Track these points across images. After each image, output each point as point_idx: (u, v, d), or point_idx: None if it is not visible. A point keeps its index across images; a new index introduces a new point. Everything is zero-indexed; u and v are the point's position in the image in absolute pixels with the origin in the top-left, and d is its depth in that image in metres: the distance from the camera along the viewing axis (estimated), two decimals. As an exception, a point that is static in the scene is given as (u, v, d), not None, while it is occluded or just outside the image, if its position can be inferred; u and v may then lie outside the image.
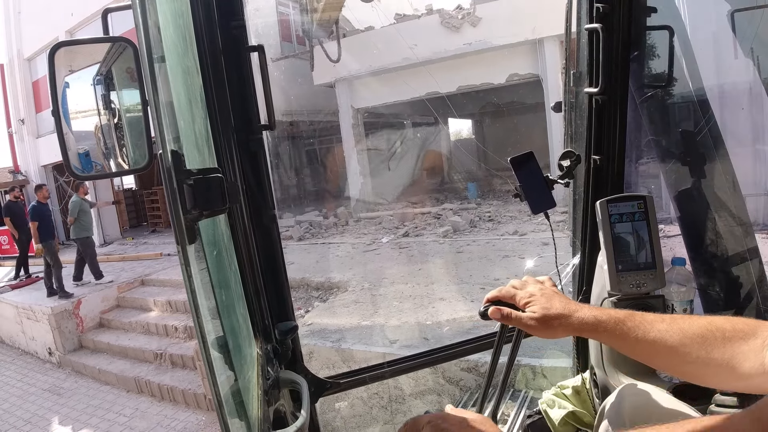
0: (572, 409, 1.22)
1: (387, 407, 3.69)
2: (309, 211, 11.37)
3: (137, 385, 5.14)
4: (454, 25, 9.51)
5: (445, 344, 1.26)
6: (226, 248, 0.78)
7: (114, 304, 7.07)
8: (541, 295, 0.81)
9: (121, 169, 0.97)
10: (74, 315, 6.53)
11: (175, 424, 4.34)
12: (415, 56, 9.15)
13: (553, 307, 0.78)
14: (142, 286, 7.46)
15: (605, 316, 0.73)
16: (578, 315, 0.75)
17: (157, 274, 7.65)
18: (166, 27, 0.57)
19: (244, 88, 0.87)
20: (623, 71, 1.18)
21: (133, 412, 4.67)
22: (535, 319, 0.78)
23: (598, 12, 1.14)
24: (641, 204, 1.07)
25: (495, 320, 0.82)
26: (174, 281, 7.16)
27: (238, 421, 0.63)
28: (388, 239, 8.84)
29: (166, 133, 0.48)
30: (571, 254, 1.40)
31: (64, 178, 12.53)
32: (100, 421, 4.55)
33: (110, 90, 0.78)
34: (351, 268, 6.93)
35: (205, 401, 4.56)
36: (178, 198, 0.49)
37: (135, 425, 4.41)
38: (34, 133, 12.67)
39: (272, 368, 0.90)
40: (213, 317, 0.60)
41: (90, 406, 4.92)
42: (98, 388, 5.40)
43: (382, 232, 9.44)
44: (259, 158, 0.92)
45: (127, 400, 4.98)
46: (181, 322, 5.91)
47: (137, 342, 5.98)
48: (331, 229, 10.22)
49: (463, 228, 8.80)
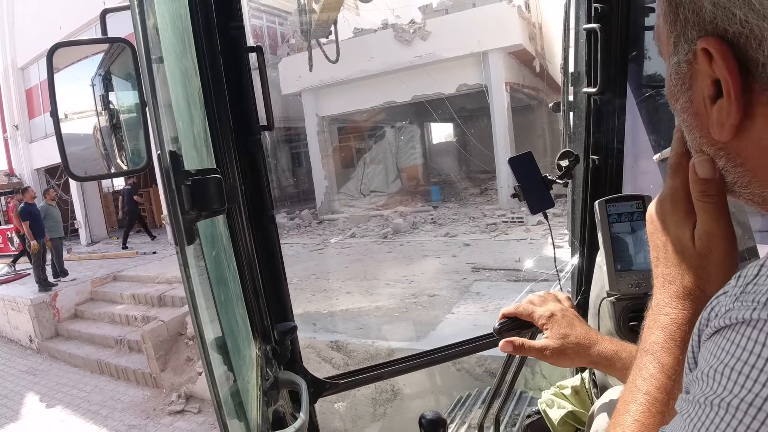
0: (571, 408, 1.22)
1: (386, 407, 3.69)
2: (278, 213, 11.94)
3: (99, 366, 6.01)
4: (406, 39, 10.23)
5: (444, 344, 1.26)
6: (224, 249, 0.78)
7: (88, 297, 7.85)
8: (561, 317, 0.77)
9: (119, 170, 0.97)
10: (51, 306, 7.33)
11: (125, 398, 5.25)
12: (373, 68, 10.08)
13: (572, 334, 0.74)
14: (113, 282, 8.21)
15: (625, 353, 0.70)
16: (597, 348, 0.72)
17: (128, 271, 8.49)
18: (164, 28, 0.57)
19: (242, 89, 0.87)
20: (622, 71, 1.18)
21: (92, 389, 5.56)
22: (550, 348, 0.74)
23: (597, 12, 1.14)
24: (640, 204, 1.07)
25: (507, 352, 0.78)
26: (142, 277, 7.93)
27: (237, 422, 0.63)
28: (336, 240, 9.53)
29: (164, 134, 0.48)
30: (570, 254, 1.40)
31: (55, 180, 13.27)
32: (64, 396, 5.45)
33: (109, 91, 0.78)
34: (289, 266, 7.43)
35: (150, 379, 5.44)
36: (177, 199, 0.49)
37: (92, 398, 5.32)
38: (28, 138, 13.60)
39: (271, 369, 0.90)
40: (212, 318, 0.60)
41: (58, 384, 5.80)
42: (68, 369, 6.27)
43: (336, 233, 10.21)
44: (258, 159, 0.92)
45: (90, 379, 5.87)
46: (141, 312, 6.65)
47: (103, 330, 6.80)
48: (293, 231, 10.93)
49: (404, 230, 9.47)
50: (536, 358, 0.76)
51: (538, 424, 1.30)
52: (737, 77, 0.35)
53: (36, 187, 12.84)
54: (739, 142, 0.37)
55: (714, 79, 0.37)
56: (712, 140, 0.39)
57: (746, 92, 0.35)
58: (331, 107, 11.90)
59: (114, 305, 7.42)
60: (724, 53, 0.35)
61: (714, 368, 0.32)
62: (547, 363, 0.75)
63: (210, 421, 4.68)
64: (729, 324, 0.32)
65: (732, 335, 0.32)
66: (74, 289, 7.78)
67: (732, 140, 0.37)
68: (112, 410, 5.01)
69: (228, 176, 0.82)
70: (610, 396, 0.89)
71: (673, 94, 0.43)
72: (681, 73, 0.41)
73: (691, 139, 0.43)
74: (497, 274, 5.99)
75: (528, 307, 0.83)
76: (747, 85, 0.35)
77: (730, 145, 0.38)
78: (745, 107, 0.36)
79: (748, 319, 0.30)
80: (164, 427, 4.63)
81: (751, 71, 0.35)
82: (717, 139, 0.38)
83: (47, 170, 13.56)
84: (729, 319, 0.32)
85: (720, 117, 0.37)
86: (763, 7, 0.33)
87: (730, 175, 0.40)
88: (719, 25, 0.35)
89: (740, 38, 0.34)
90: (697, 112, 0.40)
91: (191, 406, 4.94)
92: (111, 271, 8.50)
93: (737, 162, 0.39)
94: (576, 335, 0.74)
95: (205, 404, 4.92)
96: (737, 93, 0.35)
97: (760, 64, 0.34)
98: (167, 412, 4.87)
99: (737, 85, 0.35)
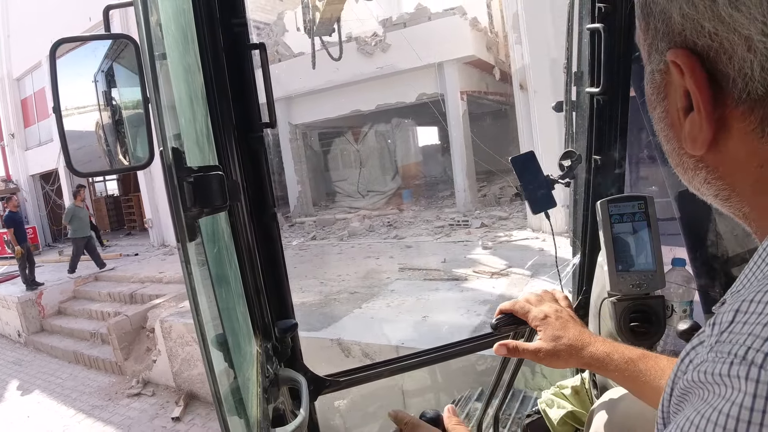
0: (571, 408, 1.22)
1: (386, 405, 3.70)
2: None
3: (75, 357, 6.94)
4: (368, 51, 10.85)
5: (445, 343, 1.26)
6: (226, 246, 0.78)
7: (71, 295, 8.64)
8: (555, 319, 0.78)
9: (121, 166, 0.97)
10: (37, 304, 8.15)
11: (93, 384, 6.14)
12: (339, 78, 10.68)
13: (565, 336, 0.75)
14: (95, 281, 9.01)
15: (617, 354, 0.70)
16: (590, 350, 0.72)
17: (109, 271, 9.34)
18: (167, 24, 0.57)
19: (245, 86, 0.87)
20: (625, 71, 1.18)
21: (68, 377, 6.49)
22: (543, 351, 0.75)
23: (600, 12, 1.13)
24: (642, 204, 1.07)
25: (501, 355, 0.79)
26: (119, 277, 8.72)
27: (237, 419, 0.63)
28: (297, 242, 10.01)
29: (167, 131, 0.48)
30: (572, 254, 1.40)
31: (49, 185, 14.20)
32: (42, 382, 6.39)
33: (111, 87, 0.78)
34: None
35: (116, 367, 6.31)
36: (179, 195, 0.49)
37: (66, 384, 6.23)
38: (23, 146, 14.69)
39: (272, 366, 0.90)
40: (213, 315, 0.60)
41: (40, 372, 6.79)
42: (49, 360, 7.20)
43: (302, 235, 10.76)
44: (260, 156, 0.92)
45: (67, 368, 6.81)
46: (114, 309, 7.35)
47: (81, 325, 7.59)
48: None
49: (360, 232, 9.95)
50: (530, 359, 0.77)
51: (537, 424, 1.30)
52: (707, 92, 0.33)
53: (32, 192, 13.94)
54: (716, 155, 0.36)
55: (686, 90, 0.35)
56: (689, 153, 0.38)
57: (718, 106, 0.33)
58: (303, 116, 12.60)
59: (92, 302, 8.19)
60: (692, 67, 0.33)
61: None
62: (542, 365, 0.76)
63: (160, 403, 5.41)
64: (703, 381, 0.30)
65: (703, 402, 0.29)
66: (58, 288, 8.61)
67: (708, 153, 0.36)
68: (81, 394, 5.87)
69: (230, 173, 0.82)
70: (609, 396, 0.89)
71: (651, 103, 0.41)
72: (655, 82, 0.39)
73: (670, 150, 0.41)
74: (418, 274, 6.34)
75: (525, 305, 0.84)
76: (719, 100, 0.33)
77: (707, 158, 0.37)
78: (719, 121, 0.34)
79: (725, 373, 0.28)
80: (122, 407, 5.46)
81: (722, 86, 0.33)
82: (691, 152, 0.37)
83: (42, 176, 14.56)
84: (703, 374, 0.30)
85: (692, 131, 0.35)
86: (733, 20, 0.31)
87: (712, 187, 0.38)
88: (688, 38, 0.34)
89: (710, 51, 0.33)
90: (673, 123, 0.38)
91: (147, 390, 5.74)
92: (93, 271, 9.34)
93: (716, 175, 0.37)
94: (569, 337, 0.75)
95: (159, 388, 5.74)
96: (707, 108, 0.34)
97: (731, 79, 0.32)
98: (126, 395, 5.68)
99: (707, 100, 0.33)
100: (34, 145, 14.29)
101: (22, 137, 14.66)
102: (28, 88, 14.16)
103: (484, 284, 5.41)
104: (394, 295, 5.46)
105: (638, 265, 1.06)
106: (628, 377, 0.69)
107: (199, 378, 5.23)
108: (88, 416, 5.23)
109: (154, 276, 8.14)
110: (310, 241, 10.04)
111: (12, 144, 14.82)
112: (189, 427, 4.83)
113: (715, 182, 0.37)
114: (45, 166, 13.66)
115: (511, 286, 5.22)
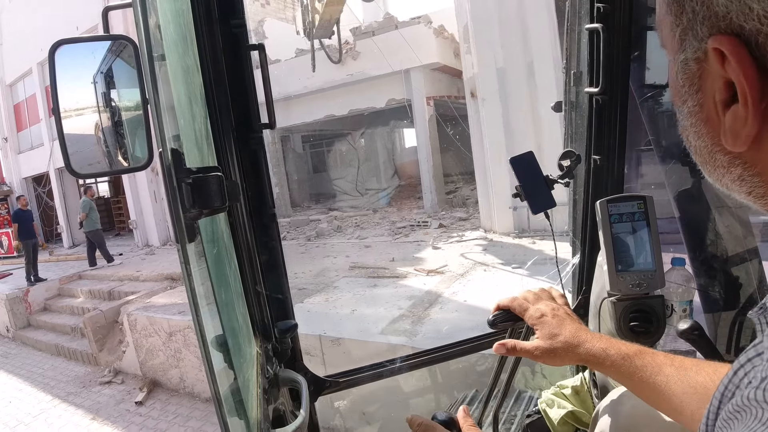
0: (571, 408, 1.22)
1: (385, 405, 3.70)
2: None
3: (57, 349, 7.47)
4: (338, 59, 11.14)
5: (445, 343, 1.26)
6: (225, 247, 0.78)
7: (56, 293, 9.08)
8: (552, 317, 0.78)
9: (120, 167, 0.97)
10: (24, 301, 8.59)
11: (71, 373, 6.72)
12: (313, 84, 11.20)
13: (561, 334, 0.75)
14: (79, 279, 9.44)
15: (614, 350, 0.70)
16: (586, 346, 0.72)
17: (93, 270, 9.87)
18: (166, 25, 0.57)
19: (244, 87, 0.87)
20: (624, 71, 1.18)
21: (49, 368, 7.07)
22: (540, 349, 0.75)
23: (599, 12, 1.14)
24: (641, 204, 1.07)
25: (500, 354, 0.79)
26: (101, 275, 9.20)
27: (237, 419, 0.63)
28: None
29: (166, 132, 0.48)
30: (571, 254, 1.40)
31: (41, 188, 14.77)
32: (25, 373, 6.97)
33: (110, 88, 0.78)
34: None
35: (91, 358, 6.83)
36: (178, 196, 0.49)
37: (46, 374, 6.81)
38: (16, 150, 15.20)
39: (272, 367, 0.90)
40: (212, 315, 0.60)
41: (24, 363, 7.38)
42: (34, 353, 7.77)
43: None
44: (259, 157, 0.92)
45: (48, 360, 7.40)
46: (94, 305, 7.77)
47: (63, 320, 8.06)
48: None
49: (328, 233, 10.25)
50: (528, 358, 0.78)
51: (538, 424, 1.30)
52: (755, 82, 0.30)
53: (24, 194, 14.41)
54: (756, 152, 0.33)
55: (727, 81, 0.32)
56: (725, 149, 0.35)
57: (765, 97, 0.31)
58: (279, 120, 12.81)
59: (75, 299, 8.68)
60: (739, 55, 0.30)
61: None
62: (540, 363, 0.76)
63: (128, 389, 5.93)
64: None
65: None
66: (44, 286, 9.11)
67: (748, 150, 0.33)
68: (59, 382, 6.48)
69: (229, 174, 0.82)
70: (612, 398, 0.89)
71: (680, 96, 0.37)
72: (689, 72, 0.35)
73: (701, 146, 0.37)
74: (365, 272, 6.61)
75: (522, 303, 0.84)
76: (766, 90, 0.30)
77: (745, 154, 0.34)
78: (764, 114, 0.31)
79: None
80: (94, 393, 6.03)
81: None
82: (730, 149, 0.34)
83: (34, 179, 15.08)
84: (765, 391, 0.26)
85: (735, 125, 0.32)
86: None
87: (746, 184, 0.35)
88: (734, 21, 0.30)
89: (758, 36, 0.29)
90: (708, 117, 0.35)
91: (117, 378, 6.30)
92: (78, 270, 9.83)
93: (753, 172, 0.34)
94: (565, 334, 0.75)
95: (128, 377, 6.25)
96: (755, 99, 0.30)
97: None
98: (98, 383, 6.25)
99: (755, 91, 0.30)
100: (26, 149, 14.82)
101: (15, 141, 15.21)
102: (21, 93, 14.71)
103: (417, 282, 5.82)
104: (336, 291, 5.81)
105: (638, 265, 1.06)
106: (624, 373, 0.69)
107: (161, 367, 5.81)
108: (63, 401, 5.87)
109: (132, 275, 8.62)
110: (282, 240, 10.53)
111: (5, 147, 15.35)
112: (149, 410, 5.43)
113: (751, 179, 0.35)
114: (37, 169, 14.21)
115: (441, 284, 5.56)
